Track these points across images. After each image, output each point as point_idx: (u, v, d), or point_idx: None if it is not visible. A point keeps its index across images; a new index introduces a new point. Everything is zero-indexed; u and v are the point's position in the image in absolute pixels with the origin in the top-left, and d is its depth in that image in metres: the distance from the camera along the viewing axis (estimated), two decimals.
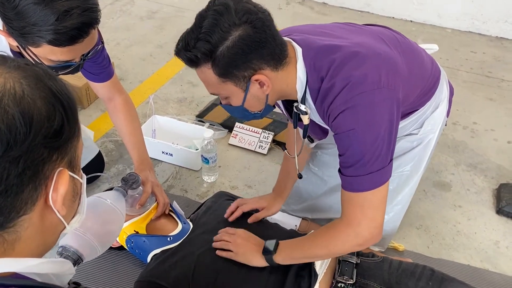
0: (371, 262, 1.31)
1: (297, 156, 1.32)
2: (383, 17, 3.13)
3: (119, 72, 2.51)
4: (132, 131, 1.56)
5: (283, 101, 1.28)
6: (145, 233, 1.42)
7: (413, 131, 1.41)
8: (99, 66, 1.48)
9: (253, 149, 2.00)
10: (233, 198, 1.57)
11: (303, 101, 1.13)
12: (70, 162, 0.58)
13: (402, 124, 1.34)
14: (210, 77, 1.04)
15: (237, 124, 2.05)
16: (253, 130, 2.03)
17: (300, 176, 1.37)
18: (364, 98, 1.03)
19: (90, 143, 1.80)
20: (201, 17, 1.02)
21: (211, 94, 1.14)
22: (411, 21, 3.11)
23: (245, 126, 2.04)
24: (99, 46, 1.19)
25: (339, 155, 1.10)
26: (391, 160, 1.10)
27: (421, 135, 1.41)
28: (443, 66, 2.60)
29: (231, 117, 2.12)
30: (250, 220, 1.43)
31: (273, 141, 2.02)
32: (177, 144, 1.90)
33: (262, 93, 1.09)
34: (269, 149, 2.00)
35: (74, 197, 0.62)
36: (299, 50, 1.10)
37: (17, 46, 1.09)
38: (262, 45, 1.01)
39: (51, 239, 0.62)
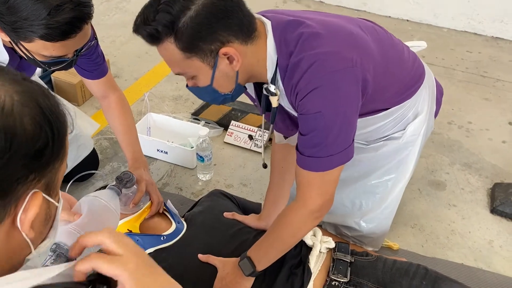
0: (365, 261, 1.32)
1: (263, 146, 1.33)
2: (380, 16, 3.13)
3: (114, 69, 2.50)
4: (127, 129, 1.55)
5: (254, 85, 1.19)
6: (139, 232, 1.41)
7: (395, 134, 1.38)
8: (93, 63, 1.47)
9: (249, 148, 1.99)
10: (228, 196, 1.57)
11: (273, 81, 1.07)
12: (47, 185, 0.56)
13: (381, 122, 1.31)
14: (173, 53, 0.96)
15: (232, 122, 2.05)
16: (248, 129, 2.02)
17: (265, 166, 1.37)
18: (332, 77, 0.99)
19: (86, 140, 1.79)
20: None
21: (176, 74, 1.05)
22: (407, 20, 3.11)
23: (241, 125, 2.03)
24: (93, 42, 1.19)
25: (300, 134, 1.07)
26: (353, 140, 1.08)
27: (405, 140, 1.38)
28: (438, 65, 2.63)
29: (227, 115, 2.11)
30: None
31: (269, 139, 2.01)
32: (172, 142, 1.89)
33: (231, 70, 1.01)
34: (265, 147, 1.99)
35: (46, 221, 0.60)
36: (268, 23, 1.04)
37: (10, 42, 1.08)
38: (228, 15, 0.95)
39: (16, 261, 0.58)
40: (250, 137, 1.35)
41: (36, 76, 1.72)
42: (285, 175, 1.46)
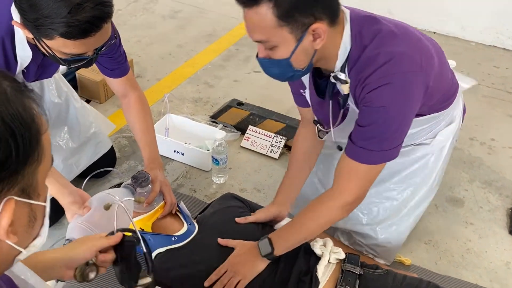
0: (375, 274, 1.30)
1: (333, 128, 1.28)
2: None
3: (137, 69, 2.54)
4: (145, 129, 1.57)
5: (311, 72, 1.21)
6: (151, 231, 1.42)
7: (426, 141, 1.41)
8: (115, 61, 1.49)
9: (265, 153, 1.99)
10: (240, 200, 1.57)
11: (342, 70, 1.11)
12: (23, 189, 0.55)
13: (416, 129, 1.33)
14: (266, 19, 0.97)
15: (250, 127, 2.05)
16: (265, 134, 2.02)
17: (340, 148, 1.36)
18: (405, 77, 1.05)
19: (103, 137, 1.82)
20: None
21: (255, 41, 1.05)
22: (434, 32, 3.06)
23: (258, 130, 2.04)
24: (113, 41, 1.20)
25: (358, 125, 1.11)
26: (401, 142, 1.13)
27: (433, 146, 1.40)
28: None
29: (245, 120, 2.12)
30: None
31: (285, 146, 2.01)
32: (189, 144, 1.90)
33: (312, 47, 1.04)
34: (281, 154, 1.99)
35: (31, 223, 0.60)
36: (347, 12, 1.09)
37: (33, 39, 1.11)
38: None
39: (4, 263, 0.59)
40: (316, 122, 1.37)
41: (59, 73, 1.75)
42: (305, 164, 1.47)
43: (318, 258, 1.31)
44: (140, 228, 1.42)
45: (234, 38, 2.89)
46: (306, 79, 1.26)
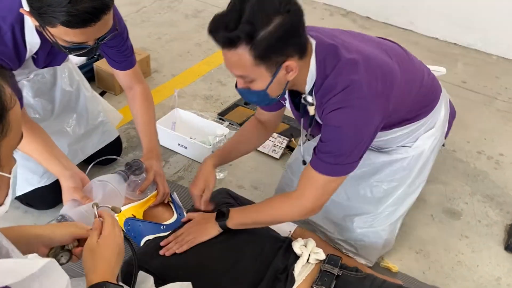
0: (353, 277, 1.31)
1: (302, 144, 1.44)
2: (426, 36, 3.06)
3: (155, 64, 2.62)
4: (146, 120, 1.63)
5: (288, 92, 1.34)
6: (142, 218, 1.48)
7: (407, 144, 1.47)
8: (121, 54, 1.56)
9: (266, 152, 2.03)
10: (232, 197, 1.61)
11: (310, 93, 1.23)
12: None
13: (395, 134, 1.41)
14: (244, 59, 1.07)
15: None
16: None
17: (304, 163, 1.42)
18: (360, 102, 1.14)
19: (110, 127, 1.89)
20: (241, 1, 1.05)
21: (236, 76, 1.16)
22: (454, 43, 3.02)
23: None
24: (114, 33, 1.26)
25: (320, 140, 1.22)
26: (360, 158, 1.23)
27: (414, 149, 1.47)
28: (479, 92, 2.54)
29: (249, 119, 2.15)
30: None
31: (287, 146, 2.04)
32: (194, 138, 1.96)
33: (285, 79, 1.16)
34: (282, 154, 2.02)
35: None
36: (313, 43, 1.19)
37: (39, 26, 1.19)
38: (298, 34, 1.10)
39: None
40: (291, 135, 1.53)
41: (74, 63, 1.85)
42: (241, 144, 1.59)
43: (297, 257, 1.34)
44: (132, 214, 1.48)
45: None
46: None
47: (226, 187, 1.75)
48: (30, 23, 1.27)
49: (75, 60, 2.21)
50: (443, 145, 1.60)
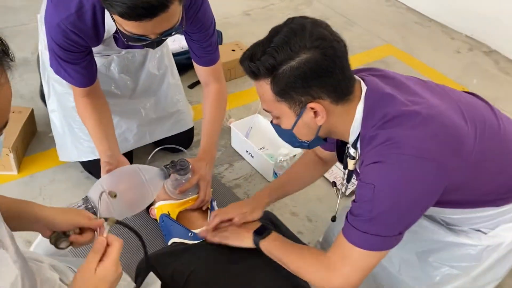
0: None
1: (340, 197, 1.27)
2: None
3: None
4: (211, 119, 1.59)
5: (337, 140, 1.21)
6: (175, 218, 1.45)
7: (483, 229, 1.19)
8: (203, 50, 1.53)
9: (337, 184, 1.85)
10: (274, 223, 1.49)
11: (355, 145, 1.08)
12: None
13: (467, 215, 1.16)
14: (266, 93, 1.01)
15: None
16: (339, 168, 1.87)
17: (333, 219, 1.29)
18: (399, 160, 0.95)
19: (186, 117, 1.90)
20: (274, 32, 0.99)
21: (264, 110, 1.09)
22: None
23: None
24: (179, 30, 1.22)
25: (353, 201, 1.05)
26: (399, 234, 1.01)
27: (491, 236, 1.18)
28: None
29: None
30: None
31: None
32: (263, 149, 1.87)
33: (314, 123, 1.03)
34: (352, 192, 1.83)
35: None
36: (364, 90, 1.04)
37: None
38: (328, 74, 0.97)
39: None
40: (334, 184, 1.35)
41: (169, 49, 1.88)
42: (303, 174, 1.45)
43: None
44: (167, 211, 1.46)
45: (369, 58, 2.74)
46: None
47: (278, 211, 1.64)
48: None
49: (173, 47, 2.27)
50: None
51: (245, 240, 1.27)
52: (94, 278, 0.82)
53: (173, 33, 1.21)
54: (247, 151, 1.91)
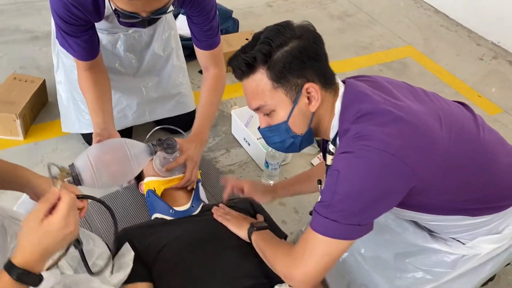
0: None
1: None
2: None
3: None
4: (207, 103, 1.61)
5: (323, 141, 1.23)
6: (159, 195, 1.48)
7: (461, 239, 1.18)
8: (204, 34, 1.55)
9: None
10: (256, 210, 1.50)
11: (334, 141, 1.09)
12: None
13: (443, 222, 1.15)
14: (262, 83, 1.04)
15: None
16: None
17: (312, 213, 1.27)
18: (365, 151, 0.96)
19: (187, 100, 1.93)
20: (259, 33, 1.05)
21: (254, 109, 1.09)
22: None
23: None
24: (170, 11, 1.25)
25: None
26: (359, 225, 0.99)
27: (468, 247, 1.18)
28: None
29: None
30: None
31: None
32: (261, 138, 1.88)
33: (308, 110, 1.06)
34: None
35: None
36: (341, 88, 1.08)
37: None
38: (318, 58, 1.03)
39: None
40: (319, 181, 1.35)
41: (178, 33, 1.91)
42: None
43: None
44: (153, 187, 1.50)
45: (386, 58, 2.69)
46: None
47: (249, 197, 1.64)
48: None
49: (187, 31, 2.29)
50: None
51: (242, 229, 1.32)
52: (39, 230, 0.78)
53: (166, 12, 1.24)
54: (244, 139, 1.93)
